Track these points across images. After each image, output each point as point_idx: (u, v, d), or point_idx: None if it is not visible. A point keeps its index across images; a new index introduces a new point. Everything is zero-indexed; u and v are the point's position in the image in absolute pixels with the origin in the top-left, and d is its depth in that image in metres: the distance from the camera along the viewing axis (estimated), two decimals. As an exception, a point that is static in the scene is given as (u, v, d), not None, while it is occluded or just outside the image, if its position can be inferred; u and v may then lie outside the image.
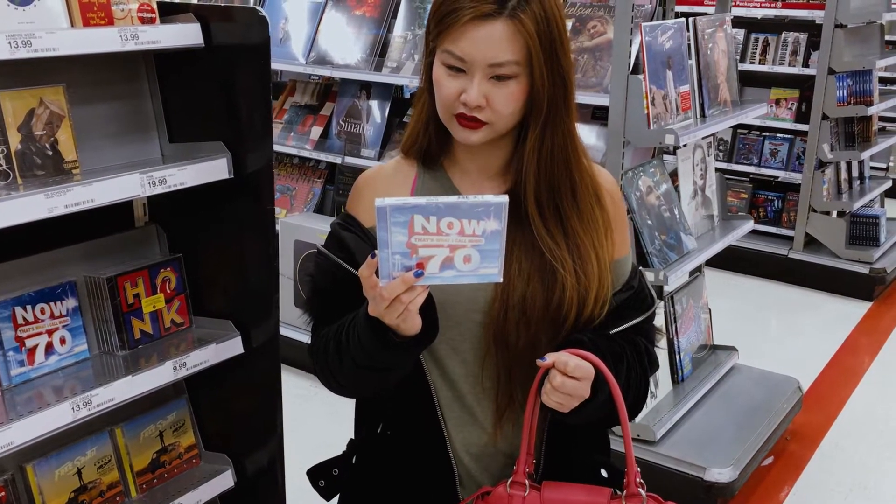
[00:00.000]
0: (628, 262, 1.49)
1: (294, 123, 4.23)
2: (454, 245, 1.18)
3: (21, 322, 1.69)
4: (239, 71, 1.75)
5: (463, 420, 1.44)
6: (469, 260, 1.19)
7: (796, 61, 5.44)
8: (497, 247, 1.18)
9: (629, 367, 1.42)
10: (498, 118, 1.31)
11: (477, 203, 1.16)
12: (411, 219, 1.15)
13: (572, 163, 1.37)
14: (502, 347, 1.38)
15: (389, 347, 1.27)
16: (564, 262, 1.35)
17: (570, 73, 1.33)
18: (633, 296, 1.47)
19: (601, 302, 1.39)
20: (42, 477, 1.73)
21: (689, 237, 3.18)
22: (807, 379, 3.93)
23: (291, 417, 3.49)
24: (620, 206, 1.49)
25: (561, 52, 1.30)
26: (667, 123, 2.96)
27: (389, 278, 1.19)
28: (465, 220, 1.16)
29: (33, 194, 1.47)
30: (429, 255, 1.18)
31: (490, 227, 1.17)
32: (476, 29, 1.26)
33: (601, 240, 1.40)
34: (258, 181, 1.79)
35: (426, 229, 1.16)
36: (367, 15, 3.93)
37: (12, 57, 1.44)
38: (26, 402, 1.62)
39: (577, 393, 1.30)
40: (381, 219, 1.15)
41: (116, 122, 1.83)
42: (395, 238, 1.16)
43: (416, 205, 1.15)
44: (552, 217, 1.37)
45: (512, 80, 1.29)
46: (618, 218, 1.47)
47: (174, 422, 1.97)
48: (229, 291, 1.94)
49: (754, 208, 5.59)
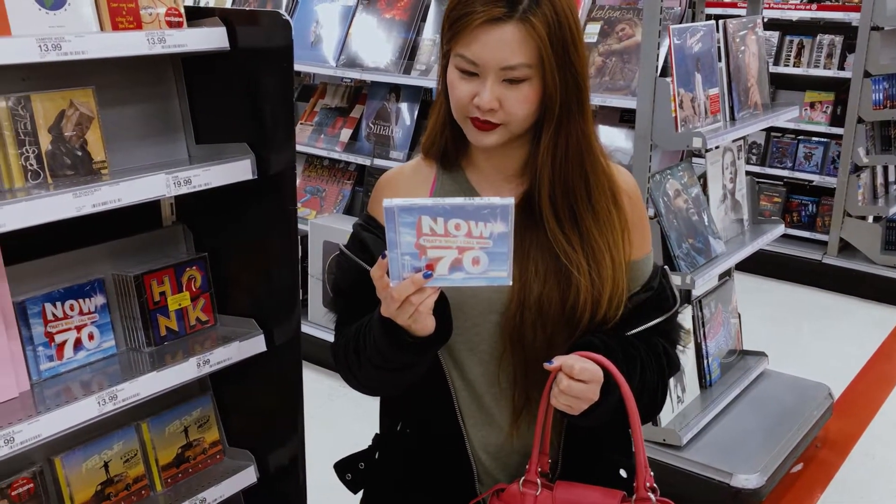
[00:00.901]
0: (649, 262, 1.49)
1: (324, 126, 4.27)
2: (462, 247, 1.19)
3: (51, 318, 1.73)
4: (263, 73, 1.78)
5: (481, 419, 1.45)
6: (478, 262, 1.20)
7: (831, 64, 5.37)
8: (505, 249, 1.19)
9: (643, 369, 1.41)
10: (511, 120, 1.32)
11: (483, 205, 1.17)
12: (419, 220, 1.17)
13: (587, 164, 1.37)
14: (518, 347, 1.39)
15: (403, 348, 1.28)
16: (579, 265, 1.35)
17: (584, 74, 1.33)
18: (654, 296, 1.47)
19: (616, 303, 1.39)
20: (70, 469, 1.78)
21: (718, 241, 3.15)
22: (838, 386, 3.87)
23: (318, 416, 3.54)
24: (639, 206, 1.48)
25: (573, 55, 1.30)
26: (695, 126, 2.94)
27: (400, 279, 1.20)
28: (473, 222, 1.17)
29: (62, 193, 1.51)
30: (438, 257, 1.19)
31: (497, 229, 1.18)
32: (487, 32, 1.27)
33: (617, 241, 1.39)
34: (281, 182, 1.82)
35: (434, 230, 1.17)
36: (397, 18, 3.95)
37: (43, 60, 1.48)
38: (55, 395, 1.67)
39: (585, 396, 1.31)
40: (390, 219, 1.17)
41: (144, 124, 1.88)
42: (404, 239, 1.18)
43: (422, 206, 1.17)
44: (567, 218, 1.37)
45: (524, 83, 1.29)
46: (636, 218, 1.46)
47: (199, 418, 2.01)
48: (253, 290, 1.97)
49: (788, 213, 5.53)
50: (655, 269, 1.50)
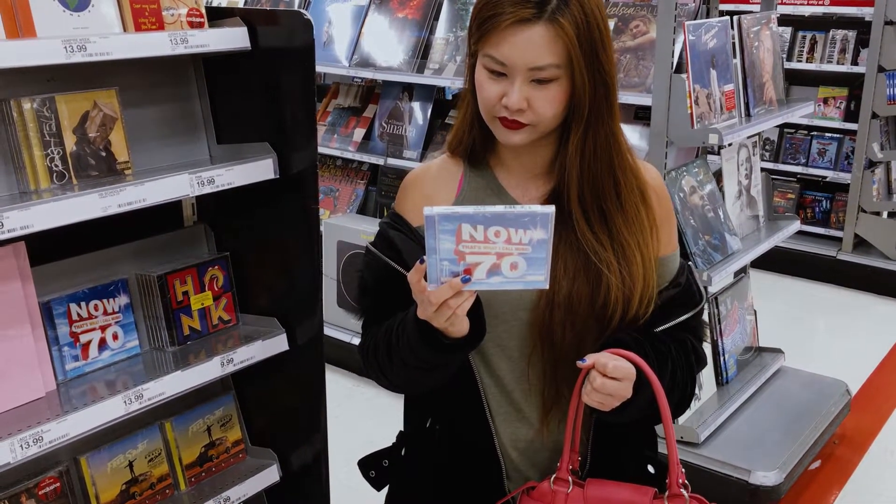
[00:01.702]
0: (675, 258, 1.49)
1: (337, 125, 4.28)
2: (501, 252, 1.19)
3: (76, 318, 1.74)
4: (284, 73, 1.78)
5: (510, 416, 1.45)
6: (516, 267, 1.20)
7: (845, 59, 5.34)
8: (543, 255, 1.19)
9: (674, 366, 1.41)
10: (540, 120, 1.33)
11: (524, 213, 1.17)
12: (459, 227, 1.17)
13: (615, 163, 1.37)
14: (548, 345, 1.39)
15: (438, 349, 1.28)
16: (609, 264, 1.36)
17: (612, 74, 1.33)
18: (681, 293, 1.47)
19: (646, 301, 1.39)
20: (95, 469, 1.79)
21: (734, 238, 3.15)
22: (855, 382, 3.86)
23: (333, 416, 3.53)
24: (667, 203, 1.48)
25: (602, 55, 1.31)
26: (710, 123, 2.93)
27: (437, 283, 1.21)
28: (513, 230, 1.17)
29: (88, 194, 1.52)
30: (476, 262, 1.20)
31: (537, 235, 1.18)
32: (515, 33, 1.27)
33: (646, 239, 1.39)
34: (303, 181, 1.82)
35: (473, 237, 1.18)
36: (410, 17, 3.96)
37: (69, 61, 1.49)
38: (80, 395, 1.67)
39: (618, 393, 1.31)
40: (430, 227, 1.17)
41: (166, 124, 1.88)
42: (443, 245, 1.18)
43: (463, 214, 1.17)
44: (596, 217, 1.38)
45: (553, 83, 1.30)
46: (664, 215, 1.46)
47: (221, 417, 2.01)
48: (275, 289, 1.98)
49: (802, 209, 5.51)
50: (682, 265, 1.50)
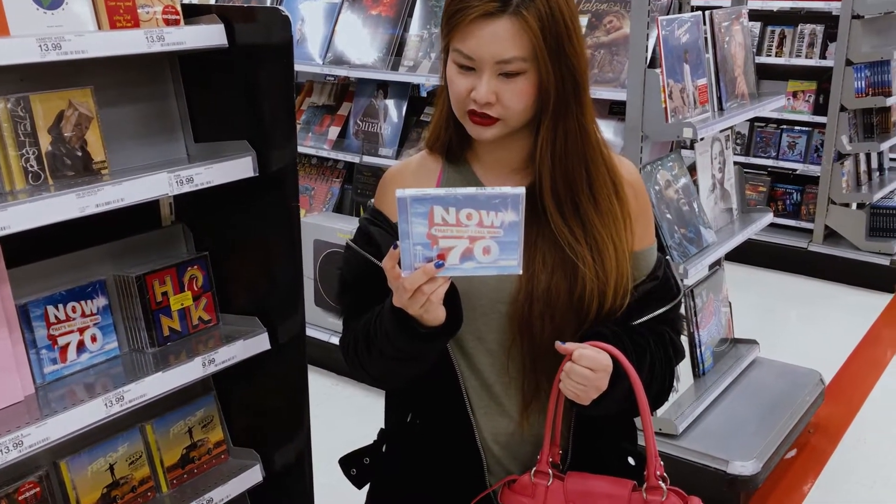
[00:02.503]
0: (653, 252, 1.50)
1: (312, 124, 4.26)
2: (474, 236, 1.20)
3: (53, 321, 1.72)
4: (262, 70, 1.77)
5: (491, 409, 1.46)
6: (488, 251, 1.21)
7: (813, 53, 5.41)
8: (515, 238, 1.20)
9: (652, 359, 1.43)
10: (509, 114, 1.33)
11: (494, 194, 1.18)
12: (431, 209, 1.18)
13: (587, 157, 1.38)
14: (527, 338, 1.40)
15: (414, 338, 1.29)
16: (584, 257, 1.37)
17: (581, 68, 1.34)
18: (658, 286, 1.48)
19: (621, 293, 1.40)
20: (75, 473, 1.76)
21: (709, 230, 3.18)
22: (829, 371, 3.92)
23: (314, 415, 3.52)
24: (643, 197, 1.49)
25: (569, 48, 1.31)
26: (684, 117, 2.96)
27: (411, 269, 1.22)
28: (484, 212, 1.19)
29: (65, 194, 1.50)
30: (449, 247, 1.21)
31: (508, 218, 1.19)
32: (481, 27, 1.28)
33: (620, 232, 1.40)
34: (283, 178, 1.81)
35: (446, 220, 1.19)
36: (383, 14, 3.95)
37: (43, 60, 1.47)
38: (59, 399, 1.65)
39: (593, 384, 1.33)
40: (402, 210, 1.18)
41: (143, 123, 1.86)
42: (416, 229, 1.19)
43: (435, 196, 1.18)
44: (570, 211, 1.39)
45: (521, 77, 1.30)
46: (640, 209, 1.47)
47: (203, 418, 2.00)
48: (255, 288, 1.97)
49: (773, 201, 5.57)
50: (659, 259, 1.51)
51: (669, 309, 1.49)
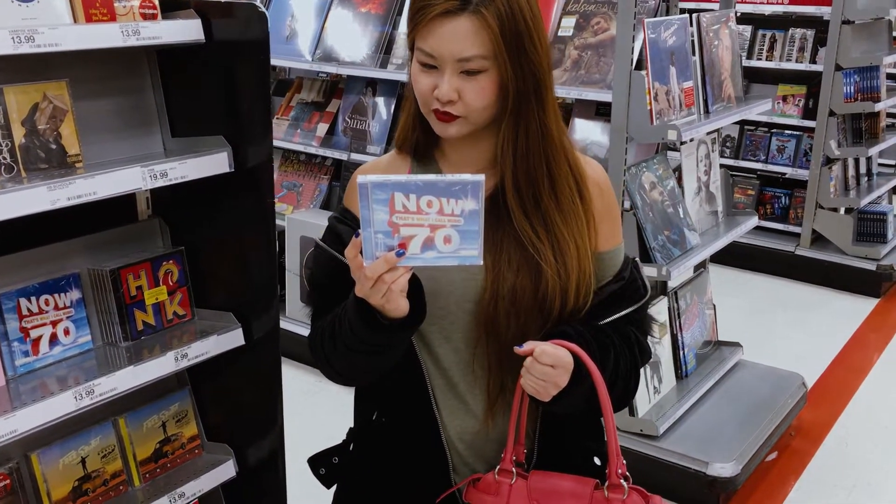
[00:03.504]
0: (619, 253, 1.50)
1: (300, 120, 4.26)
2: (434, 225, 1.20)
3: (26, 313, 1.72)
4: (239, 66, 1.77)
5: (456, 408, 1.46)
6: (449, 241, 1.21)
7: (803, 58, 5.43)
8: (476, 228, 1.21)
9: (617, 358, 1.43)
10: (471, 112, 1.34)
11: (454, 181, 1.19)
12: (392, 196, 1.18)
13: (549, 155, 1.38)
14: (493, 337, 1.40)
15: (376, 329, 1.29)
16: (546, 256, 1.37)
17: (543, 67, 1.34)
18: (625, 286, 1.48)
19: (583, 293, 1.41)
20: (47, 465, 1.76)
21: (693, 233, 3.19)
22: (812, 375, 3.93)
23: (296, 412, 3.53)
24: (609, 198, 1.49)
25: (530, 47, 1.32)
26: (669, 119, 2.97)
27: (373, 258, 1.22)
28: (444, 199, 1.19)
29: (36, 187, 1.50)
30: (410, 235, 1.21)
31: (468, 206, 1.20)
32: (442, 25, 1.29)
33: (582, 231, 1.41)
34: (258, 175, 1.81)
35: (406, 207, 1.19)
36: (373, 12, 3.95)
37: (15, 52, 1.47)
38: (31, 391, 1.65)
39: (552, 380, 1.33)
40: (363, 196, 1.18)
41: (119, 117, 1.86)
42: (377, 216, 1.19)
43: (396, 182, 1.18)
44: (532, 209, 1.39)
45: (482, 75, 1.31)
46: (606, 209, 1.47)
47: (177, 412, 2.00)
48: (230, 284, 1.97)
49: (761, 205, 5.59)
50: (626, 260, 1.52)
51: (636, 309, 1.49)
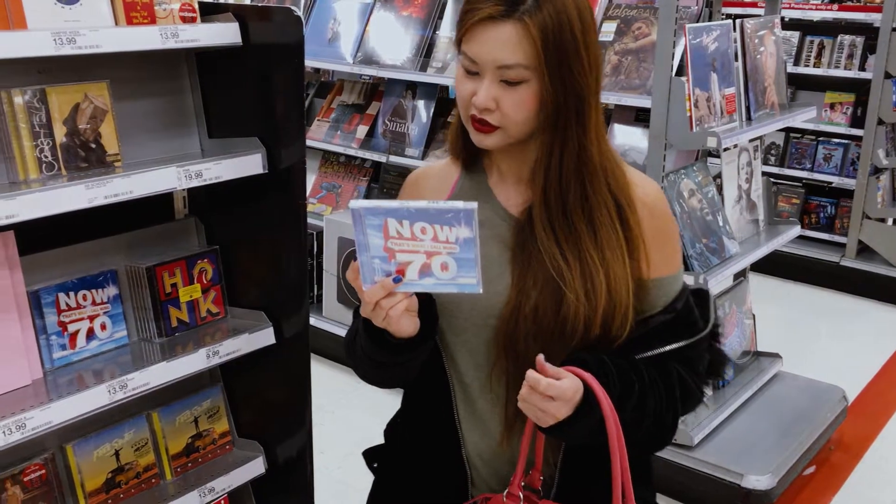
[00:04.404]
0: (673, 282, 1.39)
1: (341, 122, 4.30)
2: (430, 251, 1.18)
3: (64, 308, 1.76)
4: (274, 69, 1.80)
5: (475, 425, 1.43)
6: (447, 268, 1.19)
7: (852, 65, 5.32)
8: (472, 256, 1.18)
9: (643, 396, 1.33)
10: (508, 123, 1.29)
11: (445, 209, 1.16)
12: (385, 222, 1.17)
13: (585, 178, 1.32)
14: (512, 356, 1.35)
15: (383, 347, 1.30)
16: (569, 279, 1.30)
17: (587, 85, 1.28)
18: (676, 319, 1.37)
19: (616, 322, 1.32)
20: (81, 457, 1.80)
21: (732, 241, 3.14)
22: (854, 389, 3.85)
23: (331, 411, 3.56)
24: (662, 221, 1.39)
25: (575, 63, 1.27)
26: (710, 126, 2.93)
27: (371, 283, 1.21)
28: (437, 226, 1.16)
29: (74, 185, 1.54)
30: (407, 261, 1.19)
31: (462, 234, 1.17)
32: (485, 30, 1.26)
33: (617, 257, 1.32)
34: (291, 176, 1.84)
35: (400, 233, 1.17)
36: (414, 15, 3.97)
37: (58, 53, 1.51)
38: (67, 384, 1.69)
39: (549, 411, 1.25)
40: (357, 222, 1.17)
41: (158, 118, 1.90)
42: (372, 241, 1.18)
43: (387, 208, 1.16)
44: (563, 229, 1.33)
45: (522, 86, 1.27)
46: (659, 234, 1.38)
47: (209, 408, 2.03)
48: (263, 283, 2.00)
49: (806, 214, 5.49)
50: (683, 290, 1.41)
51: (686, 346, 1.37)
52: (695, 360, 1.40)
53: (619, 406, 1.28)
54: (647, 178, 1.42)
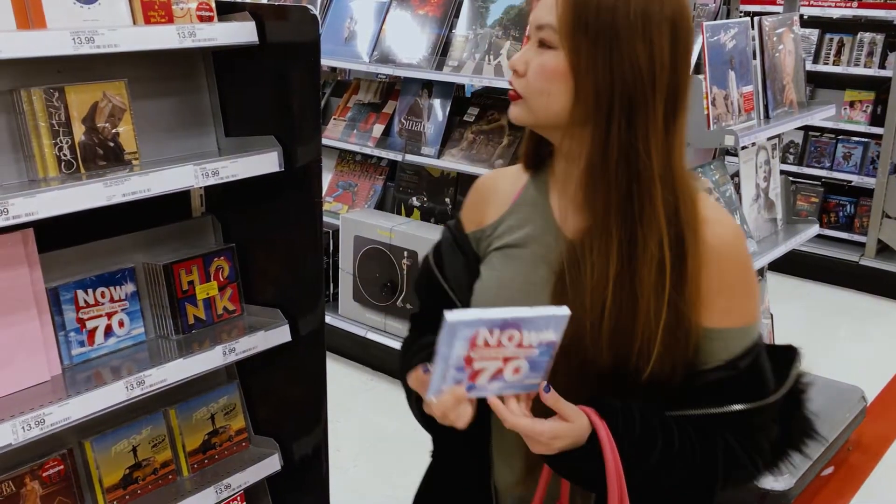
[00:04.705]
0: (738, 336, 1.20)
1: (357, 121, 4.31)
2: (509, 357, 1.10)
3: (82, 304, 1.78)
4: (291, 68, 1.81)
5: (504, 455, 1.35)
6: (518, 371, 1.11)
7: (872, 63, 5.27)
8: (547, 358, 1.11)
9: (666, 459, 1.18)
10: (530, 92, 1.17)
11: (541, 316, 1.08)
12: (475, 333, 1.07)
13: (633, 191, 1.14)
14: None
15: (432, 426, 1.24)
16: (603, 304, 1.16)
17: (640, 77, 1.11)
18: (734, 379, 1.19)
19: (631, 349, 1.16)
20: (99, 453, 1.82)
21: (750, 240, 3.12)
22: (873, 389, 3.81)
23: (347, 409, 3.57)
24: (735, 270, 1.20)
25: (625, 48, 1.10)
26: (727, 124, 2.92)
27: (438, 392, 1.12)
28: (526, 332, 1.08)
29: (93, 183, 1.55)
30: (482, 368, 1.10)
31: (546, 338, 1.10)
32: None
33: (659, 293, 1.15)
34: (307, 174, 1.84)
35: (487, 342, 1.08)
36: (430, 14, 3.97)
37: (76, 52, 1.52)
38: (85, 380, 1.71)
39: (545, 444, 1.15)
40: (448, 334, 1.06)
41: (175, 116, 1.92)
42: (456, 352, 1.08)
43: (484, 320, 1.06)
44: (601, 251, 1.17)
45: (550, 52, 1.15)
46: (727, 283, 1.19)
47: (225, 405, 2.04)
48: (279, 281, 2.00)
49: (825, 213, 5.44)
50: (752, 348, 1.21)
51: (745, 411, 1.19)
52: (757, 429, 1.21)
53: (630, 463, 1.16)
54: (726, 219, 1.22)
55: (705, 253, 1.18)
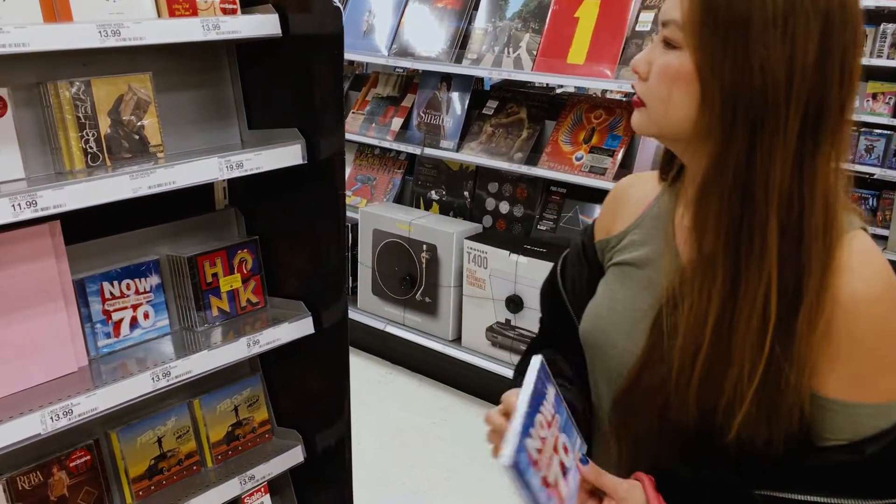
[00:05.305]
0: (869, 414, 1.00)
1: (376, 115, 4.31)
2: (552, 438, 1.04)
3: (108, 296, 1.79)
4: (314, 60, 1.81)
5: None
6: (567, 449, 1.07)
7: (895, 54, 5.22)
8: (568, 418, 1.10)
9: None
10: (650, 97, 1.04)
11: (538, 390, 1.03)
12: (530, 446, 0.98)
13: (753, 222, 0.98)
14: (622, 423, 1.14)
15: None
16: (692, 350, 1.03)
17: (774, 84, 0.95)
18: (860, 467, 1.00)
19: (719, 404, 1.01)
20: (125, 443, 1.84)
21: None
22: None
23: (365, 402, 3.59)
24: (871, 332, 0.99)
25: (756, 47, 0.94)
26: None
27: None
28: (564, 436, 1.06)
29: (119, 175, 1.56)
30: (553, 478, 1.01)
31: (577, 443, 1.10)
32: None
33: (763, 342, 0.99)
34: (330, 167, 1.85)
35: (542, 437, 1.02)
36: (449, 7, 3.96)
37: (102, 45, 1.53)
38: (111, 371, 1.72)
39: None
40: (513, 479, 0.94)
41: (199, 109, 1.92)
42: (533, 481, 0.96)
43: (518, 430, 0.96)
44: (703, 278, 1.03)
45: (674, 52, 1.01)
46: (858, 348, 0.99)
47: (249, 397, 2.05)
48: (302, 273, 2.01)
49: (847, 206, 5.40)
50: (889, 432, 1.00)
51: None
52: None
53: None
54: (874, 271, 1.00)
55: (833, 309, 0.98)
